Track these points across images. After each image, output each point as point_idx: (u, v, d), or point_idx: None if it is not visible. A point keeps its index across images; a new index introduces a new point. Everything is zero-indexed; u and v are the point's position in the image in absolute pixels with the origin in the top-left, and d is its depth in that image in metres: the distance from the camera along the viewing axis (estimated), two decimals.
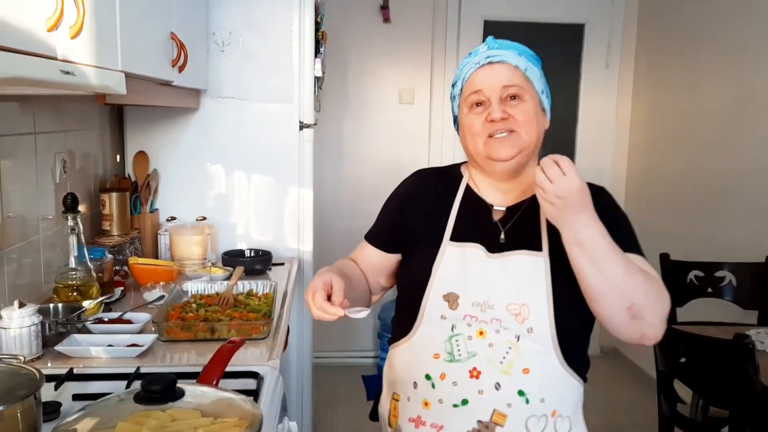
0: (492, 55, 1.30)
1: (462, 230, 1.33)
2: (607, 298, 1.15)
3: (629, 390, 3.91)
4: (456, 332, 1.25)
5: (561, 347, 1.23)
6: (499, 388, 1.22)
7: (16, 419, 0.96)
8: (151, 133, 2.59)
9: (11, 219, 1.70)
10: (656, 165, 3.92)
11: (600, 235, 1.14)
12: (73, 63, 1.10)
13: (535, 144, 1.30)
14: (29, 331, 1.50)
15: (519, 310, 1.23)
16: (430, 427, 1.27)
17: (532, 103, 1.29)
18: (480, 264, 1.28)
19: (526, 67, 1.30)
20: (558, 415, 1.25)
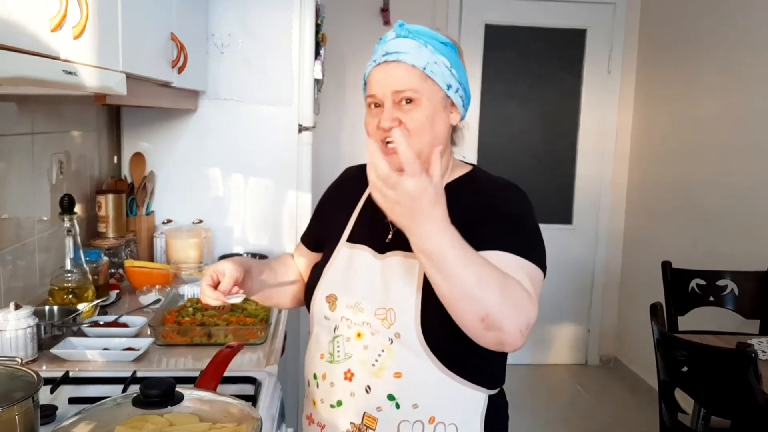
0: (389, 51, 1.23)
1: (358, 231, 1.32)
2: (458, 306, 1.05)
3: (628, 400, 3.91)
4: (337, 333, 1.26)
5: (436, 353, 1.18)
6: (369, 391, 1.21)
7: (13, 422, 0.95)
8: (148, 134, 2.57)
9: (6, 220, 1.69)
10: (658, 173, 3.93)
11: (449, 246, 1.01)
12: (76, 63, 1.09)
13: (430, 149, 1.18)
14: (25, 334, 1.48)
15: (386, 314, 1.20)
16: (317, 425, 1.30)
17: (429, 106, 1.21)
18: (364, 266, 1.27)
19: (426, 64, 1.20)
20: (438, 422, 1.22)
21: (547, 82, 4.26)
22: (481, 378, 1.23)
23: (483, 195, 1.25)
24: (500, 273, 1.07)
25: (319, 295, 1.30)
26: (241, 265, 1.28)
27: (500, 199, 1.24)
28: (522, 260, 1.16)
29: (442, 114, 1.24)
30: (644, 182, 4.10)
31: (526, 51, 4.22)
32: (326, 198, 1.48)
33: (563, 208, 4.35)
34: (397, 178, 0.96)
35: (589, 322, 4.46)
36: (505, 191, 1.27)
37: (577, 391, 4.09)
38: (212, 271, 1.26)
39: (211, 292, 1.23)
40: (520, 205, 1.25)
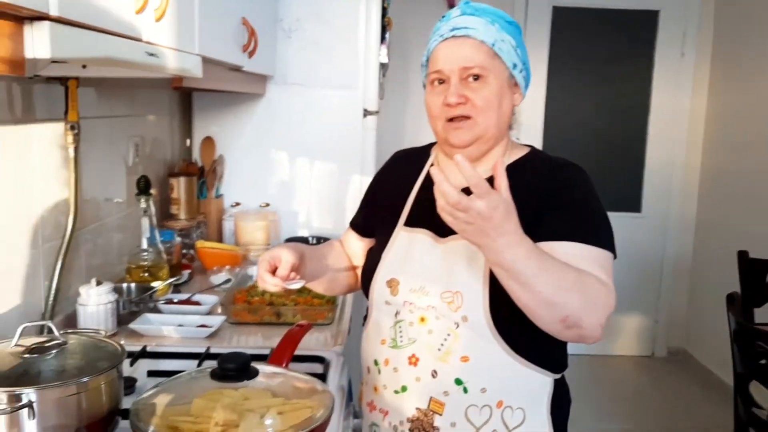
0: (457, 26, 1.20)
1: (416, 214, 1.30)
2: (537, 311, 1.06)
3: (697, 394, 3.79)
4: (399, 318, 1.24)
5: (504, 337, 1.17)
6: (435, 375, 1.20)
7: (99, 390, 0.99)
8: (217, 119, 2.63)
9: (87, 201, 1.75)
10: (734, 161, 3.77)
11: (524, 257, 1.01)
12: (157, 45, 1.12)
13: (496, 128, 1.22)
14: (105, 309, 1.55)
15: (452, 298, 1.19)
16: (379, 412, 1.29)
17: (496, 84, 1.19)
18: (424, 250, 1.25)
19: (495, 41, 1.19)
20: (506, 406, 1.20)
21: (617, 66, 4.14)
22: (547, 361, 1.22)
23: (543, 177, 1.22)
24: (576, 272, 1.07)
25: (379, 279, 1.28)
26: (297, 251, 1.28)
27: (561, 182, 1.21)
28: (592, 248, 1.15)
29: (508, 93, 1.23)
30: (719, 168, 3.95)
31: (595, 34, 4.12)
32: (376, 183, 1.47)
33: (632, 195, 4.24)
34: (467, 202, 0.96)
35: (657, 313, 4.34)
36: (564, 172, 1.24)
37: (643, 383, 3.99)
38: (269, 257, 1.26)
39: (270, 278, 1.23)
40: (582, 187, 1.22)
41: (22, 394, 0.91)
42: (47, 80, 1.50)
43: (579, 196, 1.20)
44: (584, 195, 1.21)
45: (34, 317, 1.49)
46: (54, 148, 1.56)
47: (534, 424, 1.22)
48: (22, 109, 1.44)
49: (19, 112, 1.43)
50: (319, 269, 1.39)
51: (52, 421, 0.94)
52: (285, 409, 1.08)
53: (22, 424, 0.92)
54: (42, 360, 0.99)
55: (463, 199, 0.96)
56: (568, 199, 1.19)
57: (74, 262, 1.69)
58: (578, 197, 1.20)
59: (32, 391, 0.92)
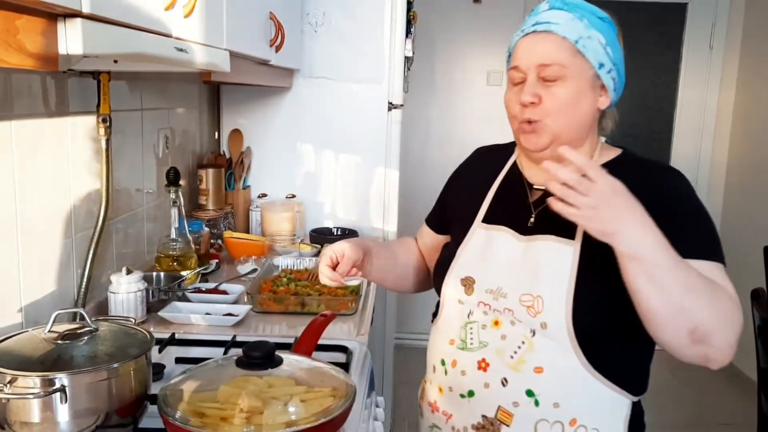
0: (540, 21, 1.13)
1: (496, 211, 1.24)
2: (668, 321, 0.99)
3: (722, 389, 3.75)
4: (472, 319, 1.19)
5: (584, 350, 1.09)
6: (506, 384, 1.13)
7: (129, 376, 1.02)
8: (245, 111, 2.67)
9: (119, 191, 1.80)
10: (762, 155, 3.71)
11: (662, 246, 0.95)
12: (186, 41, 1.14)
13: (573, 131, 1.15)
14: (135, 297, 1.59)
15: (532, 302, 1.11)
16: (442, 414, 1.24)
17: (575, 84, 1.12)
18: (504, 249, 1.18)
19: (579, 37, 1.11)
20: (579, 425, 1.12)
21: (644, 58, 4.09)
22: (626, 382, 1.15)
23: (644, 183, 1.08)
24: (709, 281, 1.01)
25: (453, 277, 1.23)
26: (360, 247, 1.26)
27: (669, 191, 1.12)
28: (713, 264, 1.07)
29: (589, 95, 1.14)
30: (746, 163, 3.89)
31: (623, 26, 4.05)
32: (454, 179, 1.42)
33: None
34: (588, 181, 0.92)
35: None
36: (669, 180, 1.16)
37: (667, 378, 3.95)
38: (331, 252, 1.24)
39: (330, 273, 1.22)
40: (692, 196, 1.14)
41: (55, 378, 0.94)
42: (80, 74, 1.54)
43: (692, 209, 1.13)
44: (696, 206, 1.14)
45: (67, 304, 1.54)
46: (87, 140, 1.61)
47: None
48: (56, 102, 1.48)
49: (53, 106, 1.47)
50: (387, 266, 1.36)
51: (83, 405, 0.97)
52: (308, 397, 1.10)
53: (55, 408, 0.95)
54: (74, 346, 1.02)
55: (583, 180, 0.91)
56: (683, 212, 1.11)
57: (106, 251, 1.73)
58: (691, 210, 1.13)
59: (64, 376, 0.95)
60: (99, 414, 0.99)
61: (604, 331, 1.09)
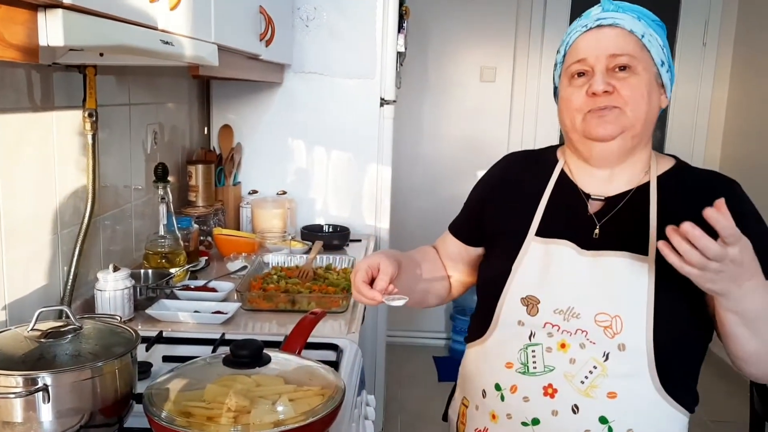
0: (603, 17, 1.12)
1: (551, 224, 1.17)
2: (761, 361, 1.00)
3: (715, 386, 3.75)
4: (534, 341, 1.11)
5: (659, 371, 1.06)
6: (577, 411, 1.07)
7: (114, 375, 1.00)
8: (235, 107, 2.64)
9: (106, 188, 1.77)
10: (754, 152, 3.71)
11: (760, 294, 0.94)
12: (172, 34, 1.12)
13: (644, 124, 1.11)
14: (122, 294, 1.57)
15: (610, 322, 1.06)
16: None
17: (646, 77, 1.10)
18: (568, 264, 1.12)
19: (643, 33, 1.11)
20: None
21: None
22: (687, 398, 1.12)
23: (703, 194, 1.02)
24: None
25: (511, 296, 1.15)
26: (395, 260, 1.15)
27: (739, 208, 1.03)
28: None
29: (655, 91, 1.13)
30: (739, 159, 3.89)
31: None
32: (489, 186, 1.32)
33: None
34: (724, 252, 0.86)
35: None
36: (729, 191, 1.11)
37: None
38: (366, 266, 1.13)
39: (368, 291, 1.11)
40: (750, 204, 1.13)
41: (38, 377, 0.93)
42: (66, 68, 1.52)
43: (758, 225, 1.11)
44: (758, 214, 1.12)
45: (53, 302, 1.52)
46: (73, 136, 1.58)
47: None
48: (42, 96, 1.46)
49: (38, 100, 1.45)
50: (414, 279, 1.27)
51: (67, 405, 0.95)
52: (296, 396, 1.09)
53: (38, 408, 0.93)
54: (57, 344, 1.01)
55: (720, 250, 0.86)
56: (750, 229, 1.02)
57: (93, 248, 1.71)
58: (757, 226, 1.10)
59: (47, 375, 0.93)
60: (83, 413, 0.97)
61: (681, 351, 1.08)
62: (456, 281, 1.39)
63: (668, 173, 1.17)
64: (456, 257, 1.36)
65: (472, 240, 1.33)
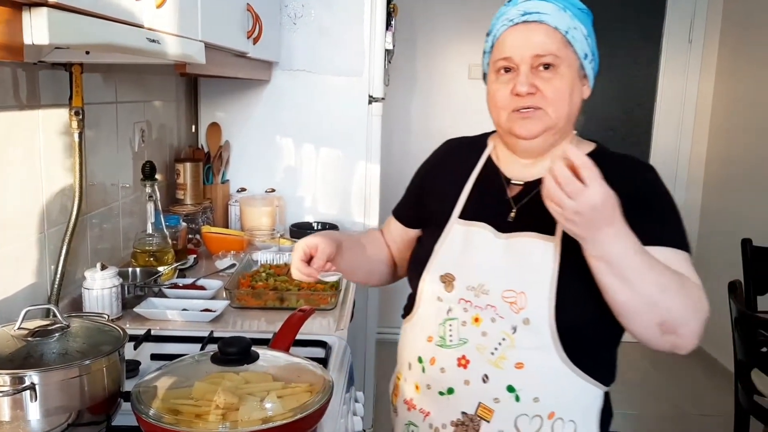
0: (529, 11, 1.13)
1: (473, 207, 1.24)
2: (636, 312, 1.02)
3: (699, 380, 3.80)
4: (451, 316, 1.18)
5: (564, 344, 1.11)
6: (486, 380, 1.14)
7: (101, 373, 1.00)
8: (223, 105, 2.64)
9: (94, 186, 1.77)
10: (739, 147, 3.75)
11: (632, 251, 0.98)
12: (158, 32, 1.12)
13: (566, 121, 1.17)
14: (110, 293, 1.57)
15: (515, 298, 1.12)
16: (419, 411, 1.23)
17: (569, 75, 1.14)
18: (484, 245, 1.18)
19: (568, 28, 1.13)
20: (557, 418, 1.14)
21: (624, 51, 4.11)
22: (600, 372, 1.16)
23: (621, 177, 1.07)
24: (677, 274, 1.03)
25: (431, 273, 1.22)
26: (333, 240, 1.24)
27: (644, 185, 1.15)
28: (680, 253, 1.10)
29: (578, 85, 1.17)
30: (724, 156, 3.93)
31: (602, 18, 4.06)
32: (426, 172, 1.40)
33: None
34: (580, 187, 0.91)
35: None
36: (643, 174, 1.19)
37: (647, 369, 3.99)
38: (304, 245, 1.21)
39: (305, 268, 1.19)
40: (665, 189, 1.17)
41: (25, 376, 0.92)
42: (52, 66, 1.51)
43: (666, 202, 1.15)
44: (669, 200, 1.16)
45: (40, 300, 1.51)
46: (59, 134, 1.58)
47: None
48: (28, 95, 1.45)
49: (24, 98, 1.44)
50: (357, 260, 1.35)
51: (54, 403, 0.95)
52: (285, 393, 1.09)
53: (25, 406, 0.93)
54: (45, 343, 1.00)
55: (575, 183, 0.92)
56: (658, 205, 1.14)
57: (80, 247, 1.71)
58: (665, 203, 1.15)
59: (34, 374, 0.93)
60: (71, 412, 0.97)
61: (584, 326, 1.10)
62: (401, 261, 1.44)
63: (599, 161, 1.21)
64: (398, 239, 1.42)
65: (411, 222, 1.40)
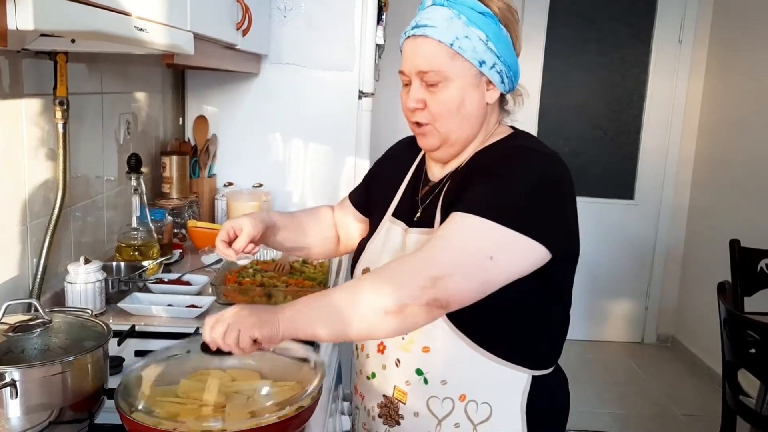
0: (419, 23, 1.13)
1: (401, 206, 1.30)
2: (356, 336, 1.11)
3: (686, 380, 3.82)
4: None
5: (465, 331, 1.12)
6: (399, 364, 1.20)
7: (84, 370, 0.98)
8: (211, 97, 2.60)
9: (77, 178, 1.73)
10: (727, 148, 3.77)
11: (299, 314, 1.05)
12: (146, 20, 1.09)
13: (460, 130, 1.16)
14: (94, 287, 1.54)
15: None
16: (359, 396, 1.33)
17: (456, 87, 1.12)
18: (396, 242, 1.24)
19: (454, 40, 1.10)
20: (469, 400, 1.16)
21: (614, 51, 4.12)
22: (520, 357, 1.16)
23: (493, 155, 1.16)
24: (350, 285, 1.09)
25: (359, 268, 1.30)
26: (262, 222, 1.29)
27: (497, 159, 1.14)
28: (464, 216, 1.06)
29: (474, 93, 1.15)
30: (713, 157, 3.95)
31: (593, 18, 4.08)
32: (378, 167, 1.47)
33: (625, 182, 4.23)
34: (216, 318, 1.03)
35: (648, 300, 4.36)
36: (510, 151, 1.16)
37: (633, 369, 4.02)
38: (230, 226, 1.27)
39: (224, 249, 1.25)
40: (518, 165, 1.11)
41: (5, 372, 0.90)
42: (36, 54, 1.48)
43: (505, 172, 1.10)
44: (514, 173, 1.09)
45: (22, 295, 1.48)
46: (43, 124, 1.54)
47: (503, 420, 1.16)
48: (10, 83, 1.42)
49: (7, 87, 1.40)
50: (295, 238, 1.41)
51: (36, 401, 0.92)
52: (273, 391, 1.08)
53: (5, 403, 0.91)
54: (26, 338, 0.98)
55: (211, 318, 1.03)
56: (491, 173, 1.10)
57: (63, 240, 1.67)
58: (503, 172, 1.10)
59: (15, 370, 0.90)
60: (52, 409, 0.95)
61: (481, 313, 1.09)
62: (346, 240, 1.49)
63: (489, 146, 1.20)
64: (348, 220, 1.47)
65: (362, 209, 1.45)
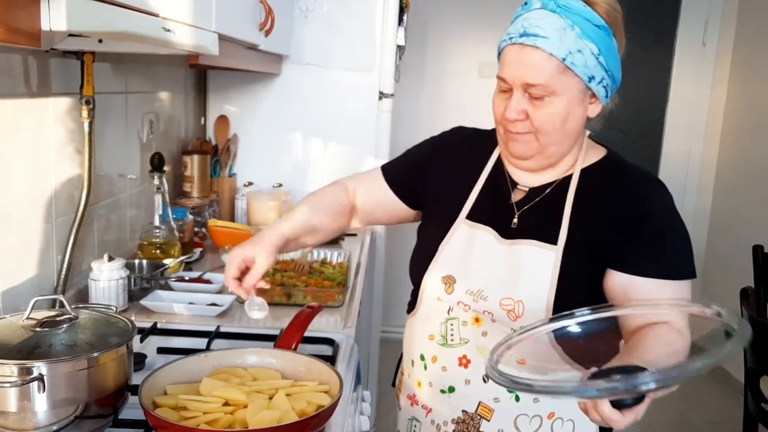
0: (528, 31, 1.06)
1: (479, 209, 1.22)
2: None
3: (706, 388, 3.77)
4: (452, 315, 1.19)
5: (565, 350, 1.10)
6: (487, 380, 1.15)
7: (109, 366, 0.99)
8: (232, 97, 2.62)
9: (101, 177, 1.75)
10: (751, 152, 3.71)
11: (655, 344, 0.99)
12: (174, 21, 1.11)
13: (558, 146, 1.14)
14: (117, 285, 1.55)
15: (513, 306, 1.12)
16: (421, 408, 1.25)
17: (563, 102, 1.08)
18: (487, 250, 1.17)
19: (567, 53, 1.04)
20: (557, 418, 1.16)
21: (636, 54, 4.06)
22: None
23: (619, 189, 1.13)
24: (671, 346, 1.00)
25: (434, 274, 1.21)
26: (276, 249, 1.15)
27: (641, 203, 1.12)
28: (675, 283, 1.09)
29: (578, 109, 1.11)
30: (736, 161, 3.90)
31: None
32: (438, 152, 1.33)
33: None
34: None
35: None
36: (645, 190, 1.15)
37: None
38: (240, 259, 1.12)
39: (236, 288, 1.12)
40: (665, 211, 1.13)
41: (33, 367, 0.91)
42: (63, 54, 1.50)
43: (663, 226, 1.12)
44: (671, 216, 1.13)
45: (46, 291, 1.50)
46: (69, 123, 1.56)
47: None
48: (38, 82, 1.44)
49: (35, 86, 1.42)
50: (306, 243, 1.30)
51: (62, 395, 0.94)
52: (293, 391, 1.08)
53: (33, 397, 0.92)
54: (53, 334, 0.99)
55: None
56: (653, 230, 1.11)
57: (87, 238, 1.69)
58: (662, 226, 1.12)
59: (43, 365, 0.92)
60: (78, 404, 0.96)
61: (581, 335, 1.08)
62: (365, 217, 1.37)
63: (594, 165, 1.19)
64: (381, 200, 1.33)
65: (408, 198, 1.33)
